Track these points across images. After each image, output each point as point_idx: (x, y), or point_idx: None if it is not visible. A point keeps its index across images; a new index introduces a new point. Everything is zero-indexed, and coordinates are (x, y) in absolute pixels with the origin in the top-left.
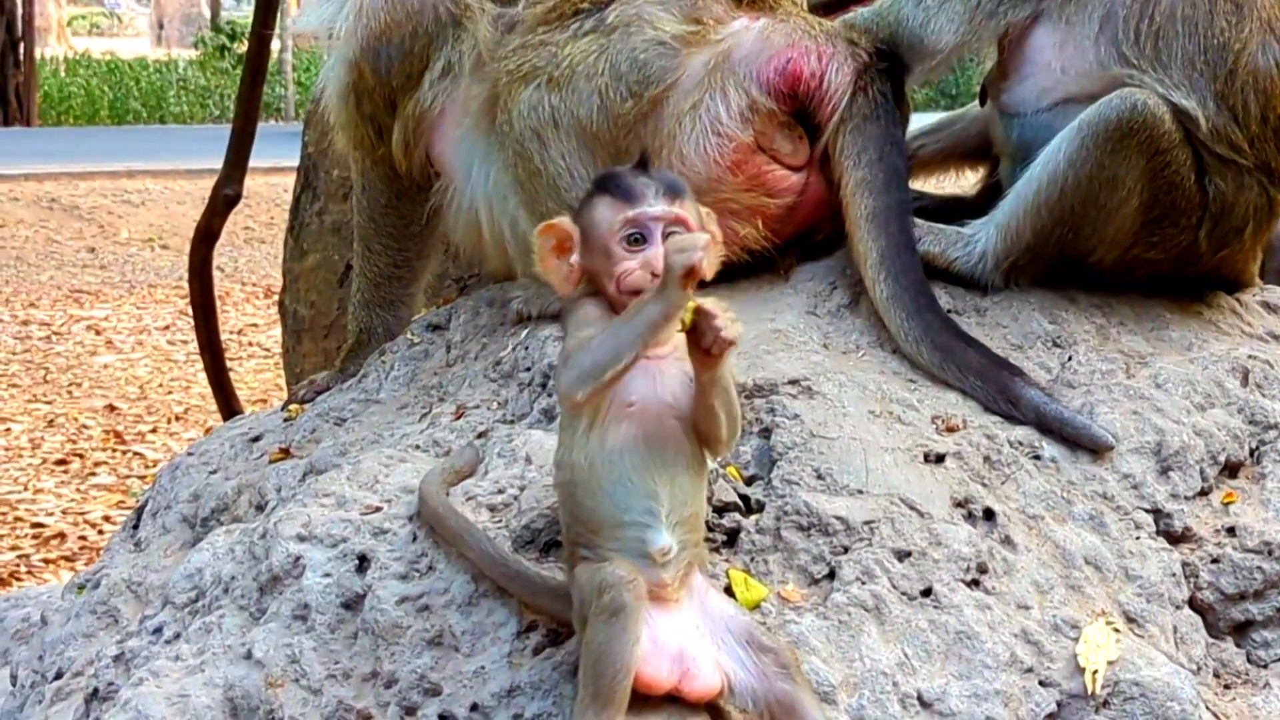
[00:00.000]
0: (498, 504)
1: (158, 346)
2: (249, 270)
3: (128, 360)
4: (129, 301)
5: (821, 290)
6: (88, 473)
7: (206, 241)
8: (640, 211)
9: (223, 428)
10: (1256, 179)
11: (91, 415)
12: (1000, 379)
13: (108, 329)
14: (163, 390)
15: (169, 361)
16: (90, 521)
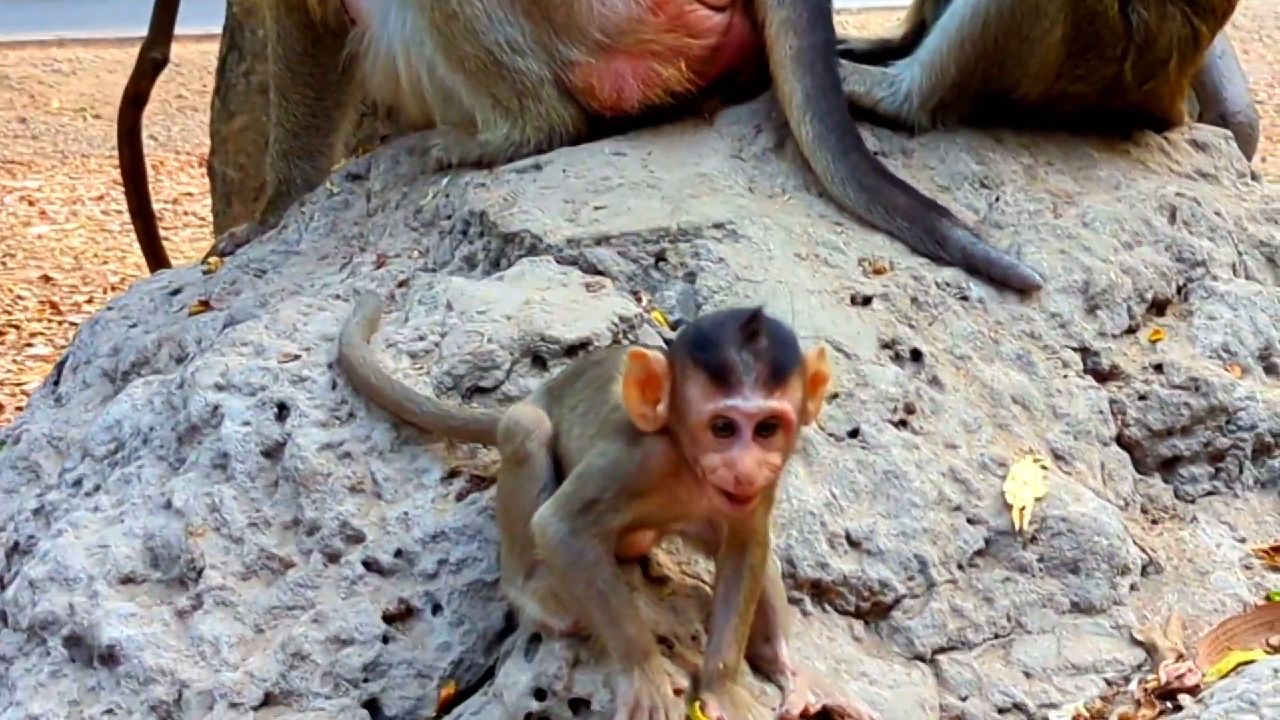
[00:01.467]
0: (419, 351)
1: (92, 216)
2: (182, 139)
3: (62, 231)
4: (62, 172)
5: (746, 133)
6: (24, 344)
7: (134, 107)
8: (733, 405)
9: (142, 282)
10: (1180, 9)
11: (26, 286)
12: (927, 220)
13: (41, 200)
14: (98, 260)
15: (104, 232)
16: (27, 392)
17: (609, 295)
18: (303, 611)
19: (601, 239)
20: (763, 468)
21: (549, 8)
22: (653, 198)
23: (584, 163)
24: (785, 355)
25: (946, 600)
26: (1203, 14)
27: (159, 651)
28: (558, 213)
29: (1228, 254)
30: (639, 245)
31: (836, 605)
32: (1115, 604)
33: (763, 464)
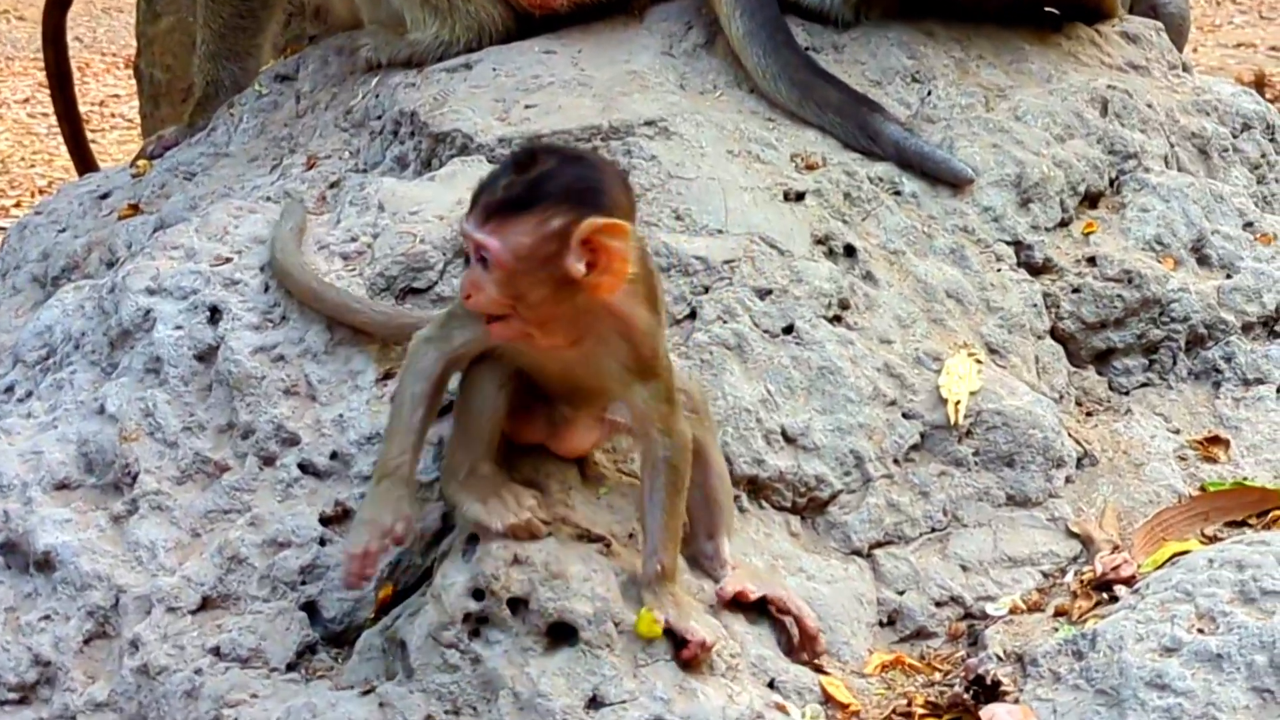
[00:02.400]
0: (350, 252)
1: (18, 120)
2: (108, 41)
3: None
4: None
5: (677, 30)
6: None
7: (59, 8)
8: (463, 223)
9: (70, 185)
10: None
11: None
12: (859, 115)
13: None
14: (25, 165)
15: (30, 135)
16: None
17: None
18: (239, 515)
19: (533, 138)
20: (475, 289)
21: None
22: (584, 95)
23: (514, 61)
24: (523, 197)
25: (883, 495)
26: None
27: (95, 557)
28: (488, 112)
29: (1159, 146)
30: (570, 143)
31: (773, 501)
32: (1050, 497)
33: (476, 285)
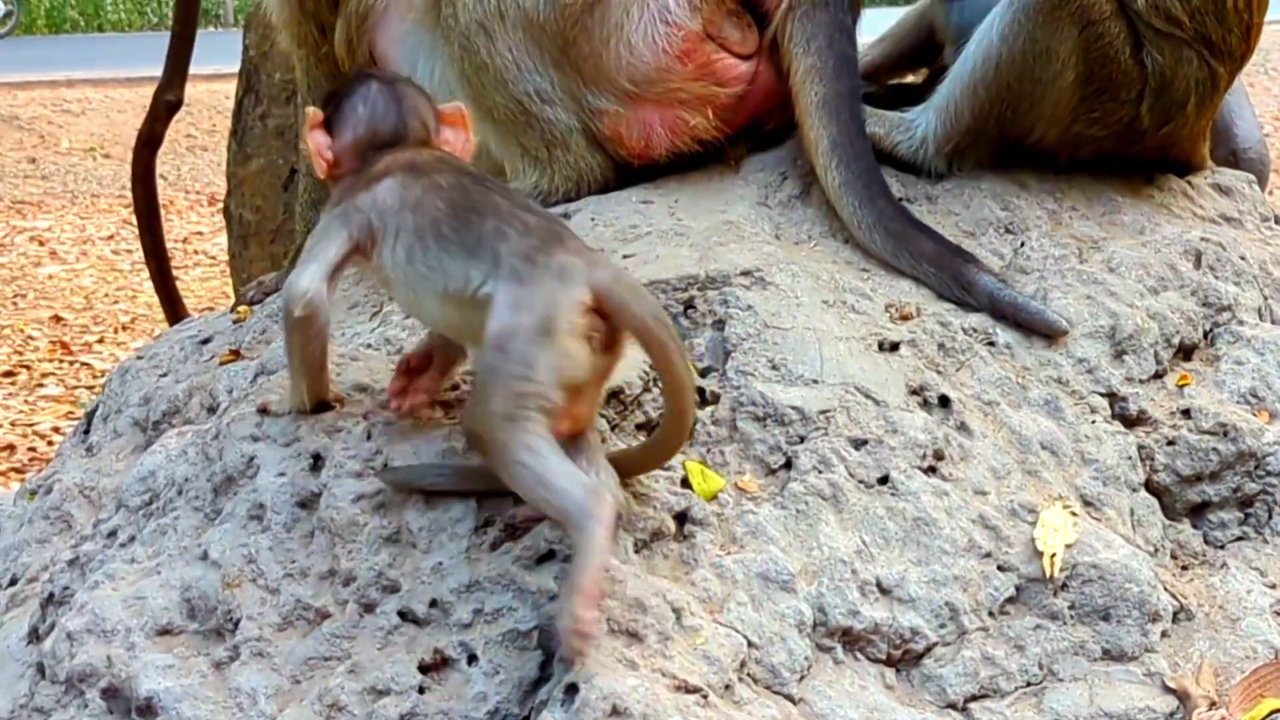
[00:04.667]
0: (452, 400)
1: (102, 256)
2: (192, 178)
3: (73, 271)
4: (72, 212)
5: (772, 180)
6: (35, 384)
7: (149, 148)
8: None
9: (172, 331)
10: (1196, 52)
11: (38, 326)
12: (954, 265)
13: (51, 240)
14: (109, 300)
15: (114, 271)
16: (39, 433)
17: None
18: (339, 662)
19: None
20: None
21: (578, 58)
22: (681, 245)
23: (612, 211)
24: None
25: (978, 648)
26: (1220, 56)
27: (196, 703)
28: None
29: (1253, 298)
30: (668, 293)
31: (868, 653)
32: (1147, 651)
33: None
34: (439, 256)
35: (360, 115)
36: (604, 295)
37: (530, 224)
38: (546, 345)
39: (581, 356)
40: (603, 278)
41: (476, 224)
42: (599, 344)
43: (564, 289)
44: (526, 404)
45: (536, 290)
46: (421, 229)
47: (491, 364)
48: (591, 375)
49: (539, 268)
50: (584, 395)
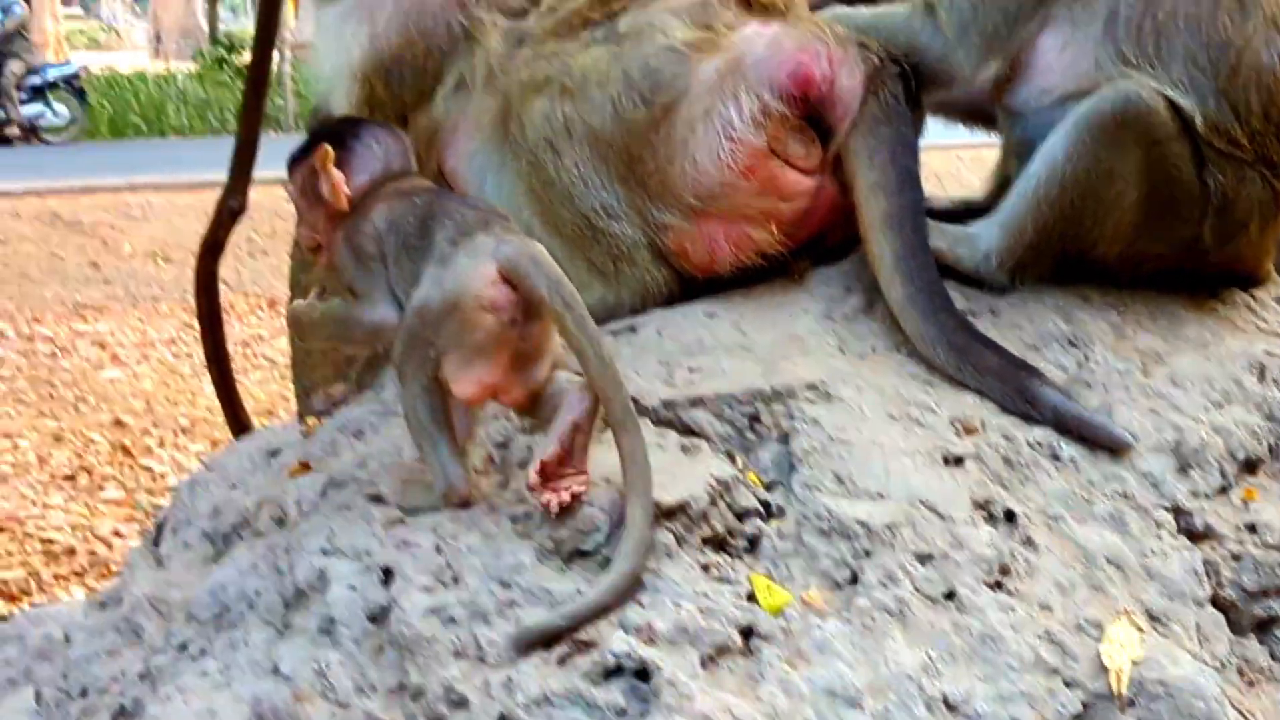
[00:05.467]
0: (519, 514)
1: (163, 360)
2: (252, 281)
3: (133, 374)
4: (133, 315)
5: (836, 294)
6: (96, 487)
7: (212, 254)
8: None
9: (240, 442)
10: (1258, 172)
11: (98, 430)
12: (1018, 379)
13: (113, 343)
14: (169, 404)
15: (174, 375)
16: (100, 536)
17: (705, 457)
18: None
19: (697, 401)
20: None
21: (643, 174)
22: (746, 359)
23: (678, 324)
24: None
25: None
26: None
27: None
28: (653, 375)
29: None
30: (734, 407)
31: None
32: None
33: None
34: (412, 269)
35: (376, 154)
36: (508, 268)
37: (467, 216)
38: (453, 316)
39: (488, 325)
40: (507, 251)
41: (431, 229)
42: (513, 314)
43: (473, 264)
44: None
45: (451, 268)
46: (399, 247)
47: (409, 324)
48: (505, 345)
49: (459, 249)
50: (496, 365)
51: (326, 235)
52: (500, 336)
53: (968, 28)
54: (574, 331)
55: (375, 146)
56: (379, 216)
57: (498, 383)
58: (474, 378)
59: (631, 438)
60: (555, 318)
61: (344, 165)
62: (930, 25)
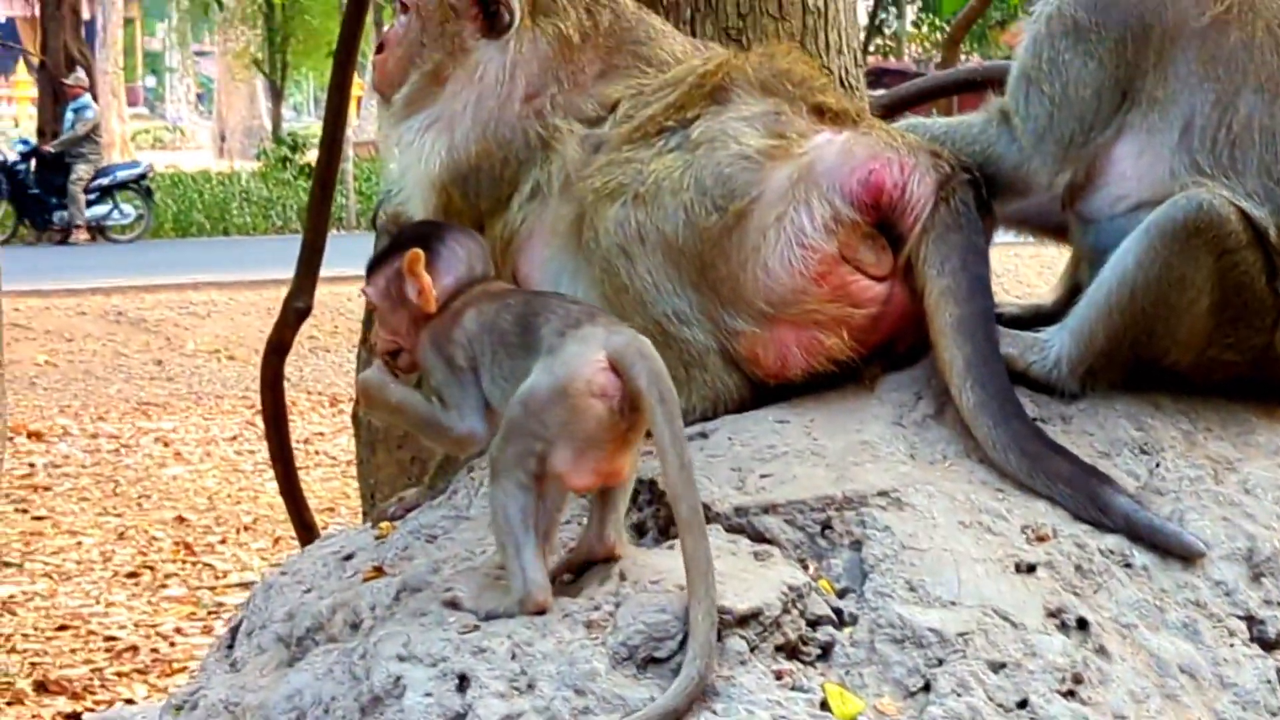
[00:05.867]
0: (593, 620)
1: (225, 457)
2: (314, 379)
3: (196, 471)
4: (196, 413)
5: (907, 400)
6: (159, 585)
7: (278, 354)
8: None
9: (314, 546)
10: None
11: (161, 527)
12: (1089, 486)
13: (176, 440)
14: (231, 501)
15: (237, 472)
16: (162, 634)
17: (777, 564)
18: None
19: (769, 507)
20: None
21: (715, 280)
22: (817, 465)
23: (749, 430)
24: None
25: None
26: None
27: None
28: (725, 480)
29: None
30: (805, 513)
31: None
32: None
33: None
34: (512, 366)
35: (460, 257)
36: (616, 356)
37: (571, 310)
38: (561, 403)
39: (597, 412)
40: (617, 341)
41: (534, 324)
42: (619, 403)
43: (583, 351)
44: (532, 455)
45: (560, 356)
46: (496, 346)
47: (512, 416)
48: (614, 433)
49: (567, 339)
50: (609, 452)
51: (410, 339)
52: (610, 424)
53: (1044, 136)
54: (661, 426)
55: (460, 250)
56: (469, 320)
57: (611, 470)
58: (589, 466)
59: (696, 540)
60: (647, 409)
61: (430, 268)
62: (1006, 134)
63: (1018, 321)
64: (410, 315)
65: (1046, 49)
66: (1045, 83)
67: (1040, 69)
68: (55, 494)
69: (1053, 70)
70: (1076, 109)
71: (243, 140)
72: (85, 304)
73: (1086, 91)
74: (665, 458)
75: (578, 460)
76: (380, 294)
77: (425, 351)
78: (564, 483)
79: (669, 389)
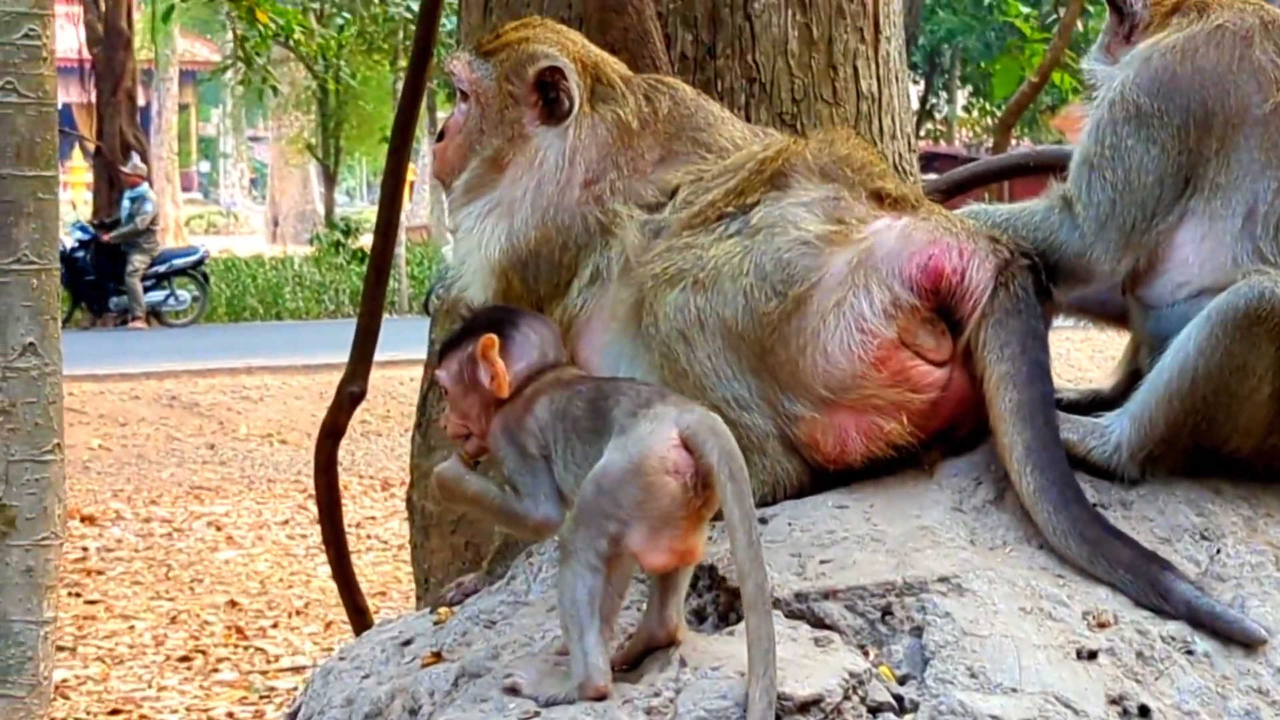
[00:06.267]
0: (654, 707)
1: (277, 541)
2: (366, 463)
3: (248, 555)
4: (249, 497)
5: (967, 485)
6: (210, 669)
7: (332, 438)
8: None
9: (372, 631)
10: None
11: (213, 611)
12: (1150, 573)
13: (228, 524)
14: (283, 585)
15: (289, 556)
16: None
17: (838, 650)
18: None
19: (829, 593)
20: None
21: (775, 365)
22: (877, 551)
23: (808, 516)
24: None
25: None
26: None
27: None
28: (784, 566)
29: None
30: (866, 599)
31: None
32: None
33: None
34: (585, 451)
35: (533, 343)
36: (688, 434)
37: (642, 391)
38: (635, 481)
39: (671, 489)
40: (689, 419)
41: (605, 408)
42: (692, 480)
43: (656, 429)
44: (605, 537)
45: (633, 435)
46: (569, 433)
47: (585, 497)
48: (688, 510)
49: (639, 418)
50: (684, 530)
51: (481, 424)
52: (684, 500)
53: (1106, 223)
54: (732, 504)
55: (533, 336)
56: (541, 409)
57: (685, 549)
58: (664, 544)
59: (760, 619)
60: (719, 486)
61: (503, 353)
62: (1068, 220)
63: (1076, 406)
64: (482, 400)
65: (1109, 135)
66: (1108, 169)
67: (1103, 155)
68: (108, 578)
69: (1115, 157)
70: (1139, 195)
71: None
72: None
73: (1149, 178)
74: (735, 535)
75: (653, 538)
76: (453, 378)
77: (497, 438)
78: (640, 562)
79: (740, 467)
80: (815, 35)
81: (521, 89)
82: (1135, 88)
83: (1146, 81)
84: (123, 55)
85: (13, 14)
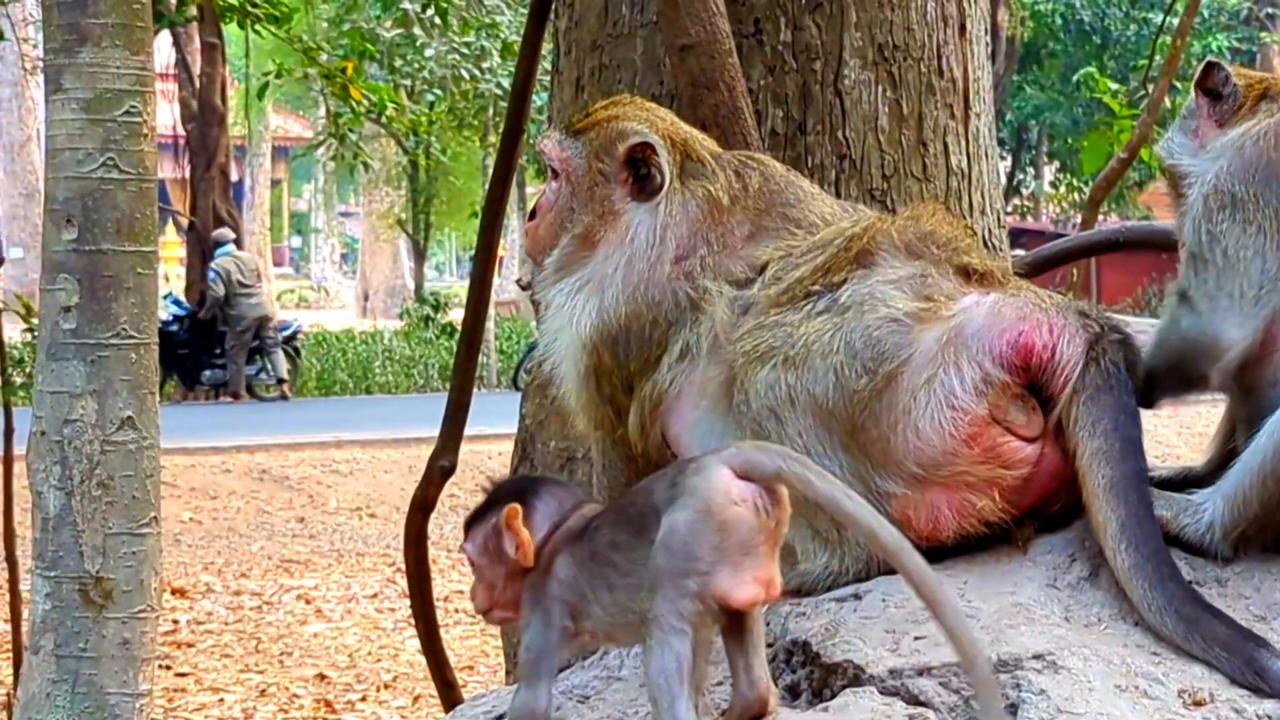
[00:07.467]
0: None
1: (366, 615)
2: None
3: (337, 629)
4: (338, 570)
5: (1061, 562)
6: None
7: (422, 512)
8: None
9: (464, 706)
10: None
11: (302, 684)
12: (1246, 651)
13: (317, 598)
14: (372, 659)
15: (378, 629)
16: None
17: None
18: None
19: (923, 669)
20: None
21: (866, 442)
22: (971, 627)
23: (902, 592)
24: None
25: None
26: None
27: None
28: (879, 643)
29: None
30: (960, 676)
31: None
32: None
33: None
34: (626, 584)
35: (554, 508)
36: (739, 464)
37: (668, 471)
38: (707, 525)
39: (745, 517)
40: (731, 453)
41: (637, 506)
42: (761, 502)
43: (707, 475)
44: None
45: (685, 493)
46: (596, 577)
47: (657, 566)
48: (765, 532)
49: (683, 483)
50: (764, 557)
51: (506, 594)
52: (760, 524)
53: (1216, 296)
54: (819, 487)
55: (554, 502)
56: (560, 568)
57: (768, 577)
58: (748, 577)
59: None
60: (799, 485)
61: (527, 522)
62: (1187, 308)
63: (1168, 484)
64: (508, 570)
65: (1205, 225)
66: (1208, 251)
67: (1202, 244)
68: (198, 650)
69: (1213, 241)
70: (1242, 266)
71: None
72: (230, 461)
73: (1248, 252)
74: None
75: (737, 574)
76: (479, 550)
77: (525, 607)
78: (726, 603)
79: (802, 458)
80: (905, 111)
81: (612, 166)
82: (1229, 177)
83: (1240, 170)
84: (216, 131)
85: (114, 91)
